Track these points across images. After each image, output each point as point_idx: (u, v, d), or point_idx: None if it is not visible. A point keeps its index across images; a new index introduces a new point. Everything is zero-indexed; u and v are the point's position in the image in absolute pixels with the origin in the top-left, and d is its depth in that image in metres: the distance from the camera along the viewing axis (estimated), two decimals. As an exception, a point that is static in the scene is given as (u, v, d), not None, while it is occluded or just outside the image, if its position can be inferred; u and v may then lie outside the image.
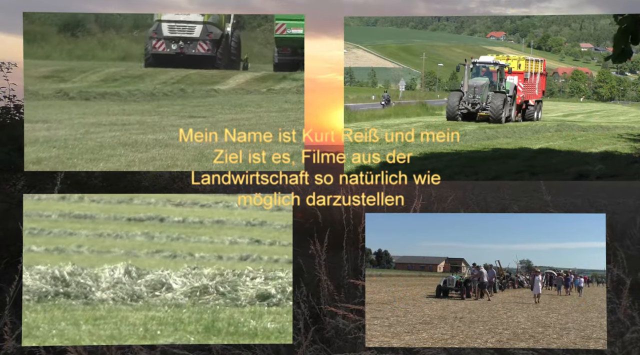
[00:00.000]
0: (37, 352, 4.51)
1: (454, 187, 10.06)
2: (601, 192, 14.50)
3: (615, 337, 4.67)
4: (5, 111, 8.03)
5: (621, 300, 4.82)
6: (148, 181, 8.47)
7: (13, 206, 7.29)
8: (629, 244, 7.25)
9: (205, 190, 7.61)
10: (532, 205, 10.15)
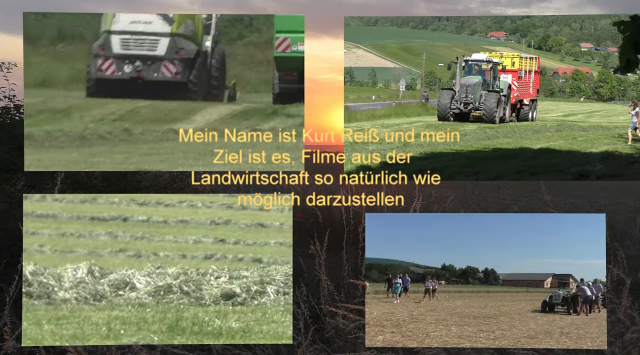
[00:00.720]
0: (37, 352, 4.50)
1: (454, 187, 10.06)
2: (601, 192, 14.48)
3: (615, 337, 4.66)
4: (5, 111, 8.04)
5: (621, 300, 4.82)
6: (148, 181, 8.46)
7: (13, 206, 7.29)
8: (629, 244, 7.24)
9: (206, 190, 7.59)
10: (532, 205, 10.15)
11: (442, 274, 5.38)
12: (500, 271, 5.06)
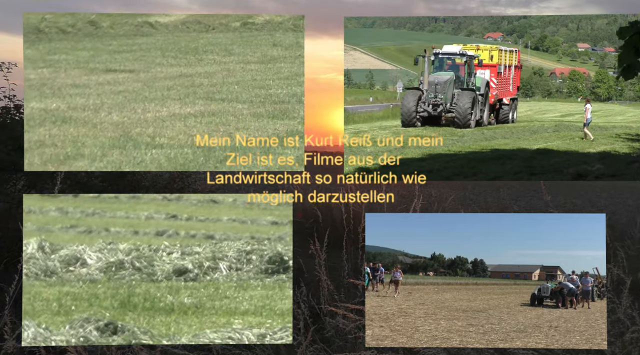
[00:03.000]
0: (37, 352, 4.50)
1: (454, 187, 9.98)
2: (601, 192, 14.52)
3: (615, 337, 4.67)
4: (5, 111, 8.02)
5: (621, 300, 4.82)
6: (148, 181, 8.46)
7: (13, 206, 7.28)
8: (629, 244, 7.25)
9: (205, 190, 7.60)
10: (532, 205, 10.14)
11: (430, 264, 5.37)
12: (489, 262, 5.01)
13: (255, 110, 5.10)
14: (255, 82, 5.69)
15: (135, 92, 5.30)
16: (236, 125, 4.78)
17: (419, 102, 8.17)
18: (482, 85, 8.60)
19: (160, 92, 5.28)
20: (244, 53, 6.25)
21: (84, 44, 6.22)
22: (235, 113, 5.01)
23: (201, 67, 6.07)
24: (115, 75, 5.90)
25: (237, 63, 6.09)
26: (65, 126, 4.81)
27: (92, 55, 6.05)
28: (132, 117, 4.88)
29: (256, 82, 5.66)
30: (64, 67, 5.91)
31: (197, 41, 6.36)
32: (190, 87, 5.41)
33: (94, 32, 6.10)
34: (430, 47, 9.15)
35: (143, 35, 6.28)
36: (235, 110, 5.03)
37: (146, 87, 5.34)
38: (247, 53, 6.31)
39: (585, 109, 7.76)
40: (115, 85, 5.45)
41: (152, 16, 6.14)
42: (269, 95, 5.33)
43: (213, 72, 5.87)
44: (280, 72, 5.87)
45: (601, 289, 5.03)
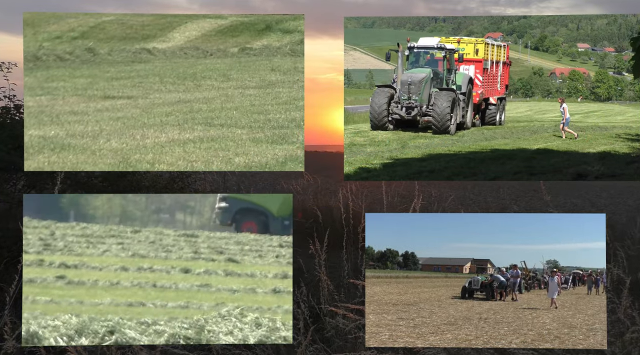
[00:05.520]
0: (37, 352, 4.50)
1: (454, 187, 9.99)
2: (601, 192, 14.53)
3: (615, 337, 4.67)
4: (5, 111, 8.02)
5: (621, 300, 4.83)
6: (148, 181, 8.46)
7: (13, 206, 7.28)
8: (629, 244, 7.25)
9: (206, 190, 7.60)
10: (532, 205, 10.14)
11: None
12: (420, 256, 4.97)
13: (254, 135, 5.05)
14: (254, 107, 5.67)
15: (134, 118, 5.27)
16: (235, 151, 4.73)
17: (391, 102, 7.34)
18: (464, 82, 7.64)
19: (159, 118, 5.24)
20: (242, 78, 6.22)
21: (82, 71, 6.17)
22: (235, 138, 4.98)
23: (199, 92, 6.03)
24: (114, 101, 5.80)
25: (235, 88, 6.07)
26: (64, 153, 4.74)
27: (90, 82, 5.98)
28: (131, 143, 4.82)
29: (255, 107, 5.64)
30: (62, 94, 5.88)
31: (195, 67, 6.37)
32: (188, 113, 5.37)
33: (92, 59, 6.11)
34: (404, 40, 8.19)
35: (141, 61, 6.26)
36: (234, 136, 5.00)
37: (145, 113, 5.31)
38: (245, 78, 6.26)
39: (563, 109, 7.62)
40: (113, 111, 5.39)
41: (150, 42, 6.11)
42: (267, 120, 5.31)
43: (211, 97, 5.85)
44: (278, 97, 5.84)
45: (528, 281, 5.16)
